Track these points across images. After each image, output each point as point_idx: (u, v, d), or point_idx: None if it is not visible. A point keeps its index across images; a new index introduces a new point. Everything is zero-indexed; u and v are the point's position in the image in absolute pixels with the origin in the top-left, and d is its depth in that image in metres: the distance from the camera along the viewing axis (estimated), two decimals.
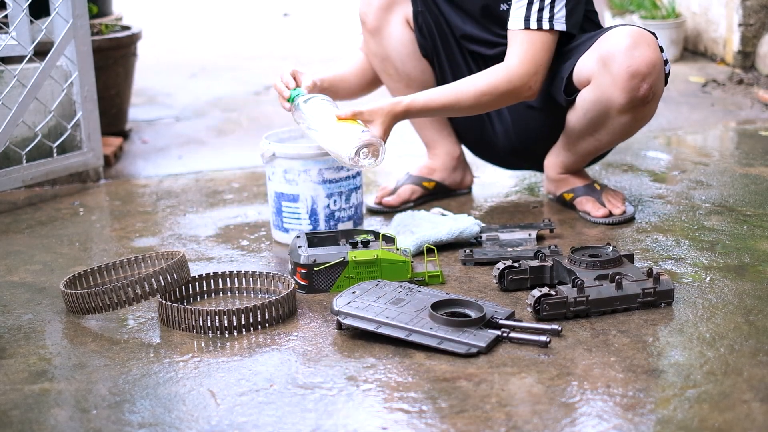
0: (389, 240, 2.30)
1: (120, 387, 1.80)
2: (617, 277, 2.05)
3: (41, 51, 3.03)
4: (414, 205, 2.80)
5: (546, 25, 2.39)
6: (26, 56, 3.00)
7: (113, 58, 3.56)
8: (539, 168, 2.84)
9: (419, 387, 1.76)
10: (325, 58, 5.63)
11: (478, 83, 2.41)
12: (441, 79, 2.71)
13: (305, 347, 1.94)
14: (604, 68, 2.39)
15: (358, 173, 2.56)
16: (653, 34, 2.41)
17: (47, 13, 3.08)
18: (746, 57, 4.56)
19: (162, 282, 2.10)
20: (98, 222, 2.86)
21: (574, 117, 2.54)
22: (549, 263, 2.19)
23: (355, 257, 2.22)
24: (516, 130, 2.71)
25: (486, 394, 1.72)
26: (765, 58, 4.43)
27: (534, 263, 2.19)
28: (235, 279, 2.25)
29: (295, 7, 7.94)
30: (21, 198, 3.06)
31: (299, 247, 2.26)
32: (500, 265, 2.18)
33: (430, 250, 2.37)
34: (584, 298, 2.01)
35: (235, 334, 2.02)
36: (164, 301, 2.06)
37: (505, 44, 2.50)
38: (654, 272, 2.06)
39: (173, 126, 4.09)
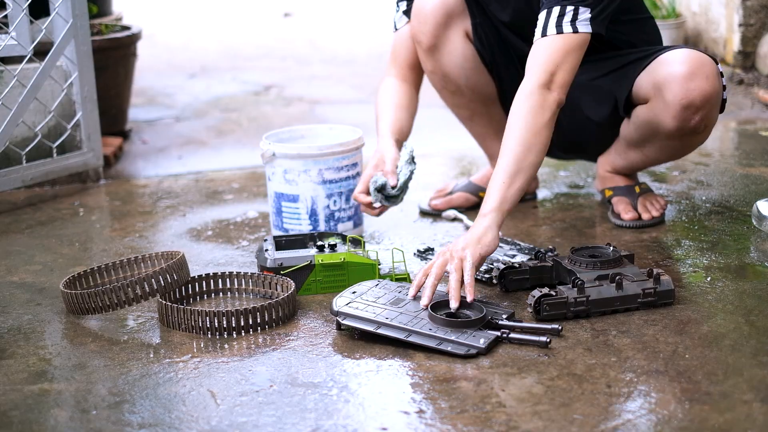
0: (356, 243, 2.29)
1: (120, 387, 1.80)
2: (617, 277, 2.05)
3: (41, 51, 3.02)
4: (465, 211, 2.74)
5: (567, 29, 2.18)
6: (26, 56, 3.00)
7: (113, 59, 3.56)
8: (591, 159, 2.79)
9: (419, 387, 1.76)
10: (325, 59, 5.63)
11: (517, 131, 2.14)
12: (501, 89, 2.64)
13: (305, 347, 1.94)
14: (658, 94, 2.34)
15: (358, 173, 2.55)
16: (714, 59, 2.33)
17: (47, 13, 3.08)
18: (746, 57, 4.56)
19: (162, 282, 2.10)
20: (98, 222, 2.86)
21: (626, 128, 2.53)
22: (549, 263, 2.19)
23: (321, 260, 2.21)
24: (570, 137, 2.63)
25: (486, 394, 1.72)
26: (765, 58, 4.43)
27: (534, 263, 2.19)
28: (235, 280, 2.24)
29: (295, 7, 7.93)
30: (21, 198, 3.06)
31: (266, 250, 2.26)
32: (500, 266, 2.19)
33: (397, 253, 2.35)
34: (584, 299, 2.01)
35: (235, 335, 2.01)
36: (164, 302, 2.06)
37: None
38: (654, 272, 2.06)
39: (173, 126, 4.09)
